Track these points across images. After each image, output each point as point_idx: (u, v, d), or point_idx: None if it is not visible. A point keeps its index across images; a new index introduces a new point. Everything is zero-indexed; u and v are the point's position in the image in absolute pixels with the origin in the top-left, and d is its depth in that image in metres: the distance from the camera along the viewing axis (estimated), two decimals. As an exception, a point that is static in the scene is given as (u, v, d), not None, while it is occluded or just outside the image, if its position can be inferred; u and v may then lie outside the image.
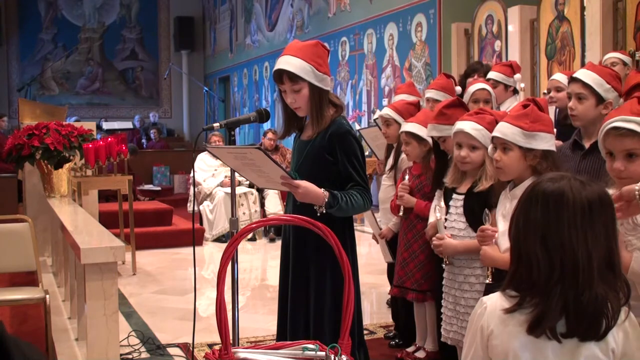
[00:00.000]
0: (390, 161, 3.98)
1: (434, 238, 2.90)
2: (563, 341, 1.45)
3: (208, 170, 8.37)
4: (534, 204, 1.51)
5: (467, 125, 2.74)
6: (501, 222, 2.43)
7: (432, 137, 3.25)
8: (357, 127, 8.93)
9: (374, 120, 5.03)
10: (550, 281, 1.46)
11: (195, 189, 7.80)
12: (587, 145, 2.70)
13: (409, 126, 3.50)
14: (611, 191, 1.96)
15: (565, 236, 1.45)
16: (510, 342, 1.50)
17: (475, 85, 4.13)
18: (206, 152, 8.26)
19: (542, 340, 1.46)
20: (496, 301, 1.55)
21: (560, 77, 3.73)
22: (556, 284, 1.46)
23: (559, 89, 3.69)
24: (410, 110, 3.79)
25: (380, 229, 3.95)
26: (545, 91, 4.38)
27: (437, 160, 3.25)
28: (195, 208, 7.77)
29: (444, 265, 2.92)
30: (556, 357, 1.47)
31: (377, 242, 4.13)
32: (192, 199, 6.88)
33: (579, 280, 1.44)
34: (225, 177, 8.15)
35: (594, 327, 1.44)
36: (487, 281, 2.51)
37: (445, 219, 2.91)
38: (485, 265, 2.53)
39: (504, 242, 2.38)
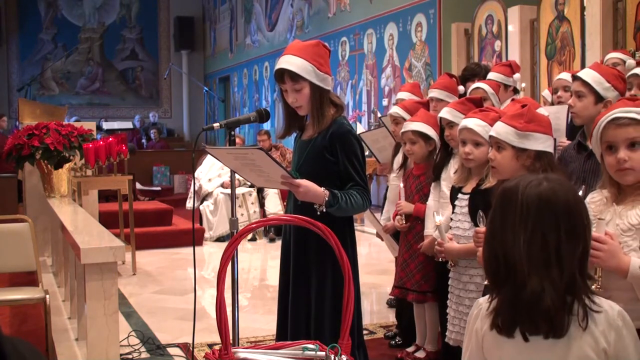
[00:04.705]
0: (399, 160, 3.95)
1: (435, 244, 2.94)
2: (549, 342, 1.45)
3: (217, 171, 8.31)
4: (494, 205, 1.56)
5: (470, 122, 2.76)
6: None
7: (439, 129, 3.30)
8: (358, 127, 8.92)
9: (380, 118, 5.00)
10: (498, 279, 1.50)
11: (196, 184, 7.80)
12: (590, 145, 2.70)
13: (415, 125, 3.49)
14: (596, 195, 1.95)
15: (505, 234, 1.47)
16: (501, 344, 1.51)
17: (472, 86, 4.14)
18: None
19: (533, 342, 1.46)
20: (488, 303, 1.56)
21: (566, 76, 3.71)
22: (504, 281, 1.48)
23: (566, 88, 3.66)
24: (419, 110, 3.78)
25: (381, 225, 3.95)
26: (544, 93, 4.38)
27: (442, 153, 3.30)
28: (195, 204, 7.76)
29: (449, 267, 2.93)
30: (547, 358, 1.47)
31: (382, 239, 4.11)
32: (192, 195, 6.87)
33: (517, 277, 1.45)
34: (225, 182, 8.13)
35: (539, 323, 1.44)
36: (485, 282, 2.51)
37: (451, 219, 2.94)
38: (481, 266, 2.53)
39: None
